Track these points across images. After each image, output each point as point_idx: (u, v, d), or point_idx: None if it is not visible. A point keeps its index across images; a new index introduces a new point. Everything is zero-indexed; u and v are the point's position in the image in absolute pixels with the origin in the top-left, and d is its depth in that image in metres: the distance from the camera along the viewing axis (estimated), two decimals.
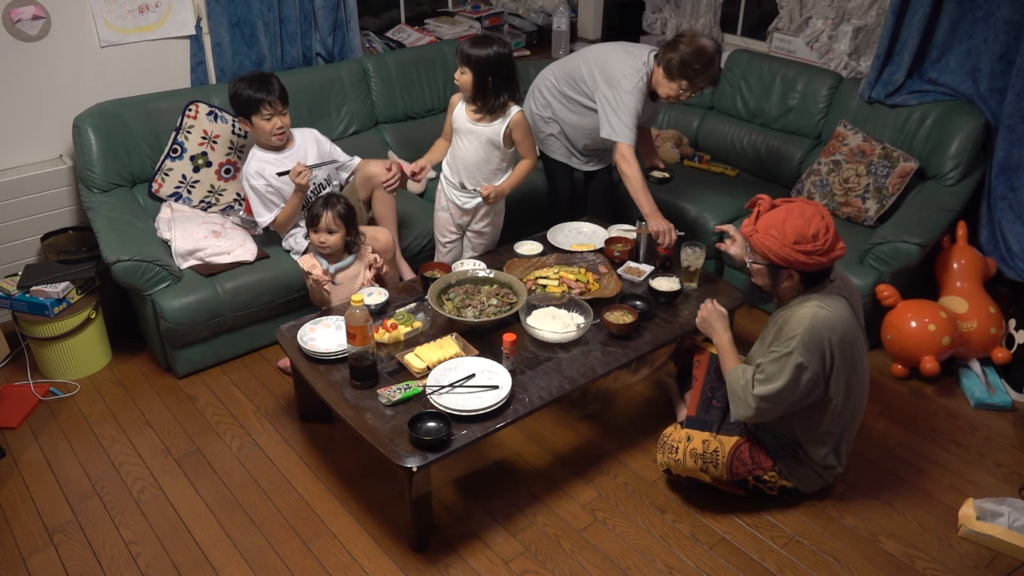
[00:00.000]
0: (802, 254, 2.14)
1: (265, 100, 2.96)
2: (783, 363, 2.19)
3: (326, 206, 2.81)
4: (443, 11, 4.94)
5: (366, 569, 2.31)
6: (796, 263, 2.16)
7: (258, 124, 3.00)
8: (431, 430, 2.21)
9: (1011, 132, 3.27)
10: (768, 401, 2.23)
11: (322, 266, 2.85)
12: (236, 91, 2.99)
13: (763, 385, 2.23)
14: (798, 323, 2.18)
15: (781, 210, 2.20)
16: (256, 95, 2.95)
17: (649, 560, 2.35)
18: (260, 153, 3.09)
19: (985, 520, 2.41)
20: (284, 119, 3.04)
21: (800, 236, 2.13)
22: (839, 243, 2.18)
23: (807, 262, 2.15)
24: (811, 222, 2.14)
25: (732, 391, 2.33)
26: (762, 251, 2.20)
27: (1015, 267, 3.33)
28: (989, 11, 3.26)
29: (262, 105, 2.96)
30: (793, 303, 2.26)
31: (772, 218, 2.19)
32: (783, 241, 2.14)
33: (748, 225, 2.25)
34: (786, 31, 4.17)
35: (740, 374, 2.31)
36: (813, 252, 2.13)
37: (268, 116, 2.99)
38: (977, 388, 3.03)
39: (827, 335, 2.17)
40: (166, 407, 2.96)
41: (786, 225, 2.15)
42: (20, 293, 2.95)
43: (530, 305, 2.69)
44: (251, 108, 2.98)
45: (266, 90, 2.96)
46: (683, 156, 4.13)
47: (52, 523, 2.46)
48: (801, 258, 2.14)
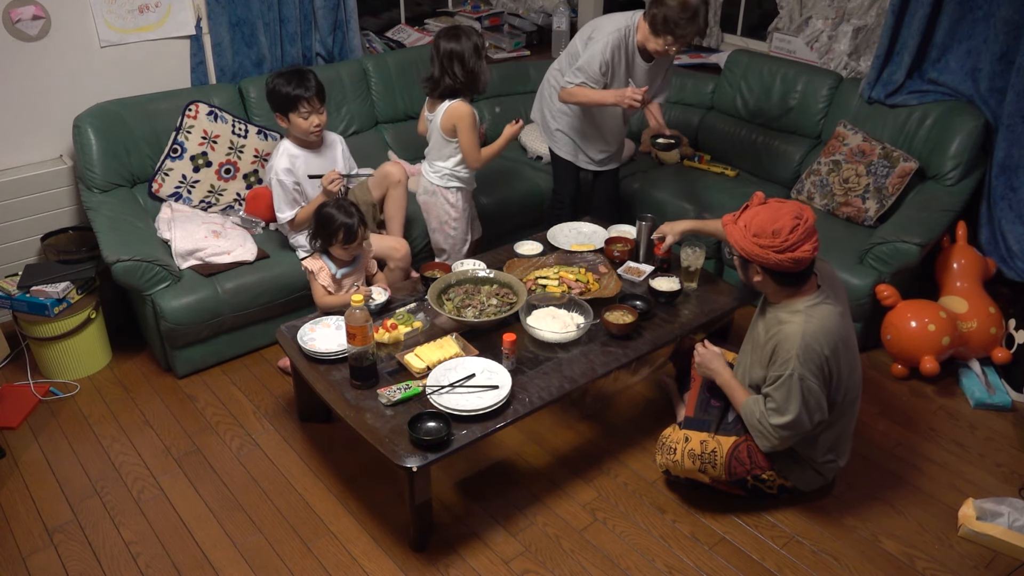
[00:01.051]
0: (758, 247, 2.14)
1: (303, 97, 2.91)
2: (788, 386, 2.18)
3: (354, 218, 2.75)
4: (443, 11, 4.94)
5: (366, 569, 2.31)
6: (755, 256, 2.16)
7: (295, 121, 2.96)
8: (431, 430, 2.21)
9: (1011, 132, 3.27)
10: (788, 428, 2.23)
11: (329, 270, 2.84)
12: (274, 87, 2.94)
13: (778, 416, 2.22)
14: (791, 343, 2.17)
15: (764, 207, 2.21)
16: (294, 92, 2.90)
17: (649, 560, 2.35)
18: (291, 149, 3.05)
19: (985, 520, 2.41)
20: (321, 117, 2.99)
21: (760, 230, 2.14)
22: (805, 244, 2.12)
23: (763, 256, 2.14)
24: (778, 220, 2.13)
25: (751, 426, 2.32)
26: (731, 242, 2.23)
27: (1015, 267, 3.32)
28: (989, 11, 3.26)
29: (300, 103, 2.91)
30: (780, 310, 2.25)
31: (751, 214, 2.21)
32: (745, 232, 2.17)
33: (731, 217, 2.27)
34: (786, 31, 4.17)
35: (753, 407, 2.30)
36: (769, 247, 2.13)
37: (306, 114, 2.94)
38: (977, 388, 3.03)
39: (819, 348, 2.17)
40: (166, 407, 2.96)
41: (755, 219, 2.17)
42: (20, 293, 2.95)
43: (530, 305, 2.69)
44: (288, 105, 2.93)
45: (304, 87, 2.91)
46: (683, 156, 4.13)
47: (52, 523, 2.46)
48: (757, 251, 2.15)
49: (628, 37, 3.07)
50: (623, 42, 3.06)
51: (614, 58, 3.07)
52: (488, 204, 3.69)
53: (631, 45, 3.09)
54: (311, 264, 2.83)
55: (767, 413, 2.25)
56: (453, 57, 2.96)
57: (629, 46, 3.08)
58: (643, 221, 3.05)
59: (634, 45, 3.09)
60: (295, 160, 3.04)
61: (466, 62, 2.97)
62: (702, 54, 4.56)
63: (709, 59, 4.48)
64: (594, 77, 3.10)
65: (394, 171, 3.26)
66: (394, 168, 3.28)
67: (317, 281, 2.81)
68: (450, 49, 2.96)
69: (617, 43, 3.05)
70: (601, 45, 3.06)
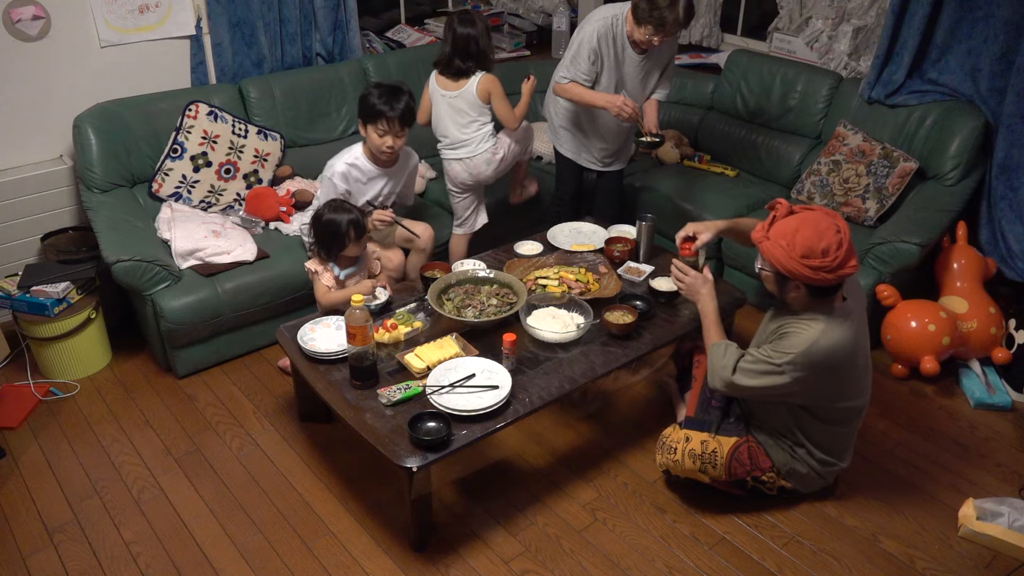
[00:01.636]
0: (809, 269, 2.08)
1: (385, 115, 2.89)
2: (768, 371, 2.19)
3: (354, 212, 2.77)
4: (443, 11, 4.94)
5: (366, 569, 2.31)
6: (802, 277, 2.10)
7: (371, 134, 2.95)
8: (431, 430, 2.21)
9: (1011, 132, 3.27)
10: (740, 391, 2.29)
11: (333, 272, 2.84)
12: (366, 94, 2.94)
13: (744, 377, 2.24)
14: (799, 342, 2.16)
15: (795, 219, 2.13)
16: (379, 107, 2.89)
17: (649, 560, 2.35)
18: (359, 157, 3.03)
19: (985, 520, 2.41)
20: (397, 140, 2.97)
21: (809, 251, 2.07)
22: (851, 260, 2.09)
23: (813, 277, 2.09)
24: (823, 236, 2.07)
25: (711, 364, 2.35)
26: (770, 259, 2.15)
27: (1015, 267, 3.32)
28: (989, 11, 3.26)
29: (380, 119, 2.91)
30: (803, 316, 2.21)
31: (785, 227, 2.13)
32: (791, 253, 2.08)
33: (760, 231, 2.19)
34: (786, 31, 4.17)
35: (723, 353, 2.32)
36: (820, 268, 2.07)
37: (382, 132, 2.93)
38: (977, 388, 3.03)
39: (821, 362, 2.16)
40: (166, 407, 2.96)
41: (796, 236, 2.08)
42: (20, 293, 2.95)
43: (530, 305, 2.69)
44: (370, 116, 2.92)
45: (391, 106, 2.89)
46: (683, 156, 4.13)
47: (52, 523, 2.46)
48: (807, 273, 2.08)
49: (616, 26, 3.07)
50: (610, 31, 3.06)
51: (601, 46, 3.07)
52: (488, 204, 3.69)
53: (619, 34, 3.08)
54: (314, 264, 2.83)
55: (735, 367, 2.26)
56: (469, 40, 3.12)
57: (617, 35, 3.08)
58: (643, 221, 3.05)
59: (623, 35, 3.08)
60: (352, 169, 3.02)
61: (480, 43, 3.14)
62: (702, 54, 4.56)
63: (709, 59, 4.48)
64: (584, 68, 3.10)
65: (422, 235, 3.24)
66: (420, 231, 3.23)
67: (320, 281, 2.81)
68: (466, 33, 3.12)
69: (604, 31, 3.05)
70: (588, 33, 3.07)
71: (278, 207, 3.42)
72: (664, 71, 3.29)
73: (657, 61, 3.22)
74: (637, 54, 3.13)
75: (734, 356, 2.30)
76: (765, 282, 2.27)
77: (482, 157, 3.29)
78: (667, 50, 3.22)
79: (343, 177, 3.01)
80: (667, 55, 3.24)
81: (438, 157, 4.09)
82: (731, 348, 2.34)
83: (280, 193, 3.51)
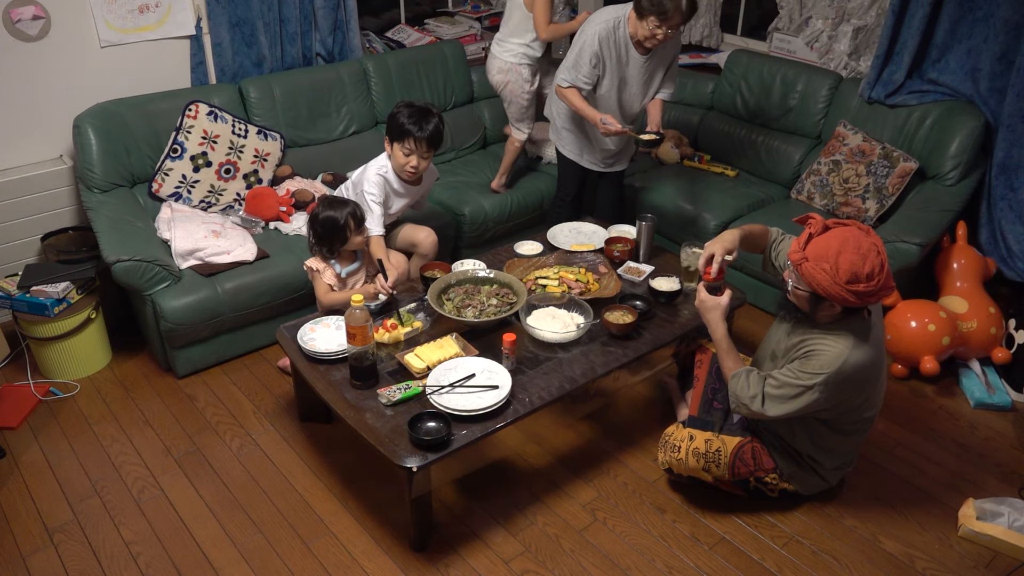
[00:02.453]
0: (853, 295, 1.99)
1: (413, 136, 2.86)
2: (799, 393, 2.13)
3: (350, 204, 2.77)
4: (443, 11, 4.94)
5: (366, 569, 2.31)
6: (843, 301, 2.01)
7: (396, 152, 2.92)
8: (431, 430, 2.21)
9: (1011, 132, 3.27)
10: (773, 419, 2.23)
11: (334, 269, 2.83)
12: (396, 112, 2.90)
13: (775, 406, 2.17)
14: (829, 360, 2.09)
15: (835, 238, 2.03)
16: (407, 126, 2.86)
17: (649, 560, 2.35)
18: (385, 169, 2.98)
19: (985, 520, 2.41)
20: (423, 162, 2.94)
21: (854, 276, 1.98)
22: (891, 281, 2.04)
23: (856, 302, 2.01)
24: (867, 259, 1.99)
25: (736, 399, 2.27)
26: (810, 282, 2.05)
27: (1015, 267, 3.33)
28: (989, 11, 3.26)
29: (407, 139, 2.88)
30: (829, 331, 2.14)
31: (824, 247, 2.03)
32: (835, 278, 1.99)
33: (797, 251, 2.08)
34: (786, 31, 4.17)
35: (746, 384, 2.23)
36: (865, 293, 1.99)
37: (408, 152, 2.90)
38: (977, 388, 3.03)
39: (853, 378, 2.12)
40: (166, 407, 2.96)
41: (840, 260, 1.99)
42: (20, 293, 2.95)
43: (530, 305, 2.69)
44: (398, 135, 2.90)
45: (419, 127, 2.86)
46: (683, 156, 4.13)
47: (52, 523, 2.46)
48: (851, 299, 2.00)
49: (618, 29, 3.06)
50: (612, 34, 3.06)
51: (603, 49, 3.07)
52: (488, 204, 3.70)
53: (622, 36, 3.07)
54: (314, 263, 2.83)
55: (764, 397, 2.19)
56: None
57: (619, 38, 3.07)
58: (643, 221, 3.05)
59: (626, 36, 3.07)
60: (381, 180, 2.97)
61: None
62: (702, 54, 4.56)
63: (709, 59, 4.48)
64: (585, 72, 3.10)
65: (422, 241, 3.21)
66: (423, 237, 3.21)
67: (322, 279, 2.80)
68: None
69: (606, 34, 3.05)
70: (589, 36, 3.06)
71: (278, 207, 3.42)
72: (667, 71, 3.28)
73: (661, 61, 3.21)
74: (641, 55, 3.13)
75: (758, 385, 2.21)
76: (797, 300, 2.15)
77: (495, 62, 3.77)
78: (670, 49, 3.21)
79: (379, 185, 2.94)
80: (670, 54, 3.23)
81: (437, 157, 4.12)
82: (752, 377, 2.24)
83: (280, 193, 3.51)
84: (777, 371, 2.21)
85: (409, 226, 3.23)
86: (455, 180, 3.86)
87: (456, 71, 4.20)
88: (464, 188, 3.77)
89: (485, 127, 4.31)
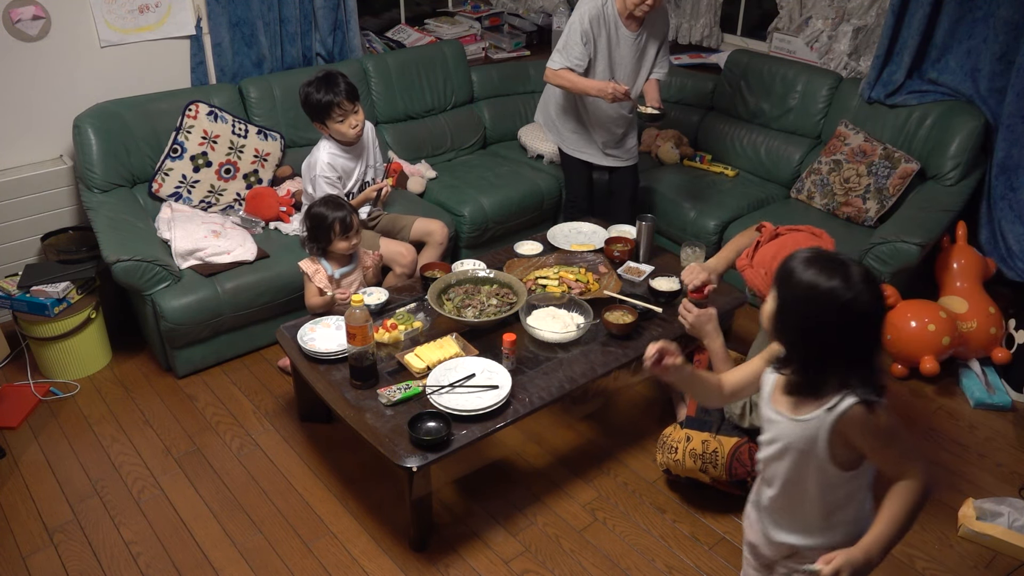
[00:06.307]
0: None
1: (334, 103, 2.91)
2: None
3: (345, 210, 2.76)
4: (443, 11, 4.94)
5: (366, 569, 2.31)
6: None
7: (334, 128, 2.97)
8: (431, 430, 2.21)
9: (1011, 132, 3.27)
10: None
11: (326, 271, 2.83)
12: (306, 96, 2.95)
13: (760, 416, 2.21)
14: None
15: (776, 244, 2.12)
16: (325, 98, 2.90)
17: (649, 560, 2.35)
18: (330, 147, 3.05)
19: (985, 520, 2.41)
20: (357, 116, 3.00)
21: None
22: None
23: None
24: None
25: (728, 408, 2.31)
26: (752, 287, 2.15)
27: (1015, 267, 3.33)
28: (989, 11, 3.26)
29: (333, 109, 2.92)
30: None
31: (764, 253, 2.12)
32: (769, 280, 2.02)
33: (743, 259, 2.19)
34: (786, 31, 4.17)
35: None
36: None
37: (341, 117, 2.95)
38: (977, 388, 3.03)
39: None
40: (166, 407, 2.96)
41: (774, 264, 2.00)
42: (20, 293, 2.95)
43: (530, 305, 2.69)
44: (323, 113, 2.94)
45: (333, 91, 2.91)
46: (683, 156, 4.13)
47: (52, 523, 2.46)
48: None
49: (606, 6, 3.07)
50: (601, 12, 3.07)
51: (593, 28, 3.07)
52: (488, 204, 3.69)
53: (611, 15, 3.08)
54: (307, 266, 2.82)
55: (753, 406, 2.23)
56: None
57: (608, 16, 3.08)
58: (643, 221, 3.05)
59: (614, 15, 3.09)
60: (335, 158, 3.06)
61: None
62: (702, 54, 4.57)
63: (709, 59, 4.48)
64: (576, 53, 3.10)
65: (436, 231, 3.29)
66: (437, 228, 3.30)
67: (312, 282, 2.80)
68: None
69: (595, 14, 3.06)
70: (578, 16, 3.08)
71: (278, 207, 3.42)
72: (659, 50, 3.26)
73: (652, 36, 3.20)
74: (631, 32, 3.13)
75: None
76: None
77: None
78: (660, 23, 3.20)
79: (331, 167, 3.02)
80: (661, 30, 3.23)
81: (437, 157, 4.12)
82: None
83: (280, 193, 3.51)
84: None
85: (422, 219, 3.31)
86: (455, 180, 3.85)
87: (456, 71, 4.20)
88: (464, 188, 3.77)
89: (485, 127, 4.31)
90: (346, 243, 2.79)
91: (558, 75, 3.18)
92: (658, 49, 3.26)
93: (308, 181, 3.09)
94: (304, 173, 3.12)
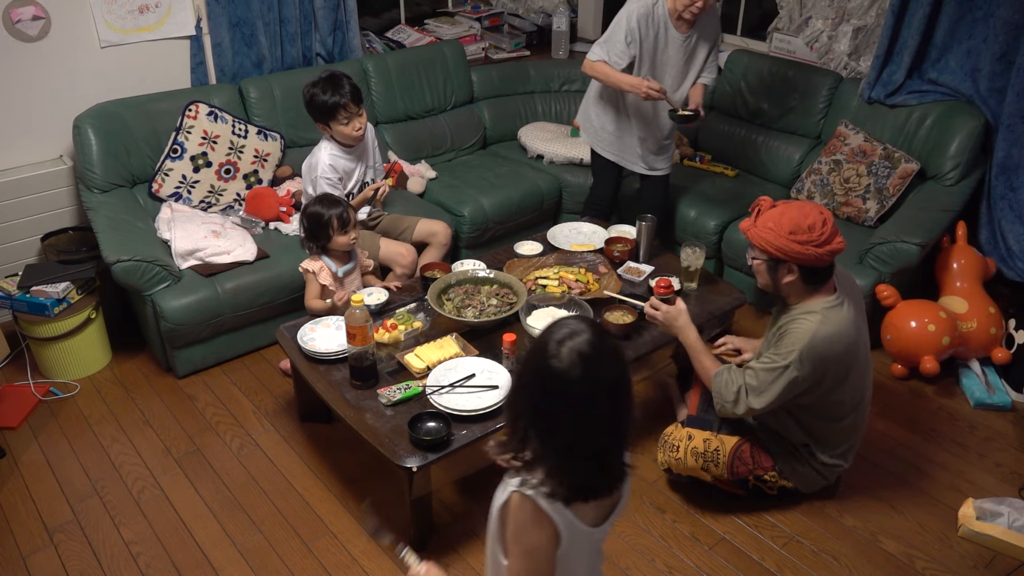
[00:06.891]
0: (797, 243, 2.11)
1: (340, 104, 2.92)
2: (777, 374, 2.18)
3: (341, 206, 2.77)
4: (443, 11, 4.94)
5: (366, 569, 2.31)
6: (792, 253, 2.13)
7: (337, 129, 2.98)
8: (431, 430, 2.21)
9: (1011, 132, 3.27)
10: (759, 412, 2.26)
11: (330, 269, 2.82)
12: (311, 98, 2.95)
13: (757, 397, 2.23)
14: (799, 337, 2.16)
15: (779, 206, 2.20)
16: (331, 100, 2.91)
17: (649, 560, 2.35)
18: (332, 148, 3.05)
19: (985, 520, 2.41)
20: (361, 119, 3.01)
21: (795, 226, 2.12)
22: (837, 236, 2.15)
23: (804, 252, 2.12)
24: (808, 215, 2.13)
25: (720, 397, 2.30)
26: (760, 243, 2.18)
27: (1015, 267, 3.32)
28: (989, 11, 3.26)
29: (338, 110, 2.93)
30: (796, 310, 2.23)
31: (768, 215, 2.19)
32: (779, 232, 2.13)
33: (748, 223, 2.24)
34: (786, 31, 4.17)
35: (727, 380, 2.29)
36: (808, 242, 2.11)
37: (346, 120, 2.96)
38: (977, 388, 3.03)
39: (826, 352, 2.16)
40: (166, 407, 2.96)
41: (783, 218, 2.15)
42: (20, 293, 2.95)
43: (530, 305, 2.68)
44: (328, 115, 2.95)
45: (339, 93, 2.92)
46: (683, 156, 4.13)
47: (52, 523, 2.46)
48: (797, 247, 2.12)
49: (656, 6, 3.01)
50: (650, 12, 3.01)
51: (640, 28, 3.01)
52: (488, 204, 3.69)
53: (660, 15, 3.02)
54: (311, 265, 2.82)
55: (747, 389, 2.24)
56: None
57: (658, 16, 3.02)
58: (643, 221, 3.05)
59: (664, 16, 3.03)
60: (337, 159, 3.06)
61: None
62: None
63: None
64: (618, 49, 3.05)
65: (440, 232, 3.32)
66: (441, 229, 3.32)
67: (317, 281, 2.80)
68: None
69: (644, 13, 3.00)
70: (626, 13, 3.03)
71: (278, 207, 3.42)
72: (709, 53, 3.20)
73: (702, 38, 3.14)
74: (681, 34, 3.07)
75: (739, 378, 2.27)
76: (758, 275, 2.27)
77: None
78: (712, 26, 3.15)
79: (332, 169, 3.02)
80: (712, 33, 3.16)
81: (437, 157, 4.12)
82: (733, 371, 2.30)
83: (280, 193, 3.51)
84: (755, 362, 2.26)
85: (426, 220, 3.32)
86: (455, 180, 3.85)
87: (456, 71, 4.20)
88: (464, 188, 3.77)
89: (485, 127, 4.31)
90: (345, 238, 2.79)
91: (594, 67, 3.14)
92: (708, 53, 3.20)
93: (309, 182, 3.10)
94: (305, 174, 3.12)
